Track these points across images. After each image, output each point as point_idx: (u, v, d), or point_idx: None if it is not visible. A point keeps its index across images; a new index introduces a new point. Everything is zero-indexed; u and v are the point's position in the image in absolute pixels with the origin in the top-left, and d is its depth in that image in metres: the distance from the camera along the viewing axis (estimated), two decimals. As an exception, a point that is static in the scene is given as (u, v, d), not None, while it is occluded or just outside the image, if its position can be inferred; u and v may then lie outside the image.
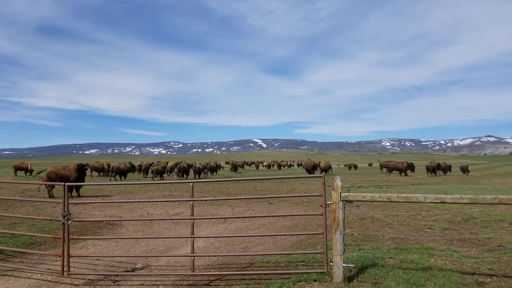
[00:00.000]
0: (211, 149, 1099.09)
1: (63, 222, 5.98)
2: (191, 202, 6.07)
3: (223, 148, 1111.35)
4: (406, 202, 5.51)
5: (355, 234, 9.84)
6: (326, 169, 45.78)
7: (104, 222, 12.03)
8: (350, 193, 5.68)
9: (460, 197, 5.20)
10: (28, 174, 42.71)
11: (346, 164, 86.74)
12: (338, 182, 5.68)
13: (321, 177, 5.75)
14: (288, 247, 8.65)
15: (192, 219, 6.15)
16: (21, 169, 43.71)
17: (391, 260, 7.03)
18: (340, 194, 5.67)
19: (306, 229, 10.61)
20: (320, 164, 46.00)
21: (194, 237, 6.10)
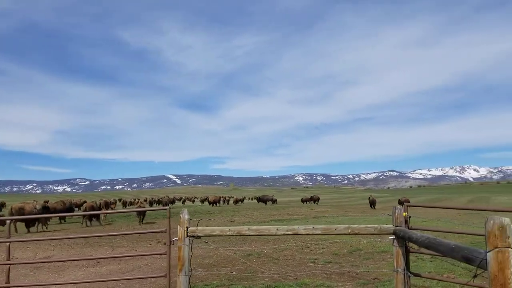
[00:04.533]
0: (121, 186, 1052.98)
1: None
2: (8, 243, 4.99)
3: (135, 185, 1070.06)
4: (258, 234, 4.95)
5: (234, 273, 9.16)
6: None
7: None
8: (198, 228, 4.99)
9: (313, 227, 4.75)
10: None
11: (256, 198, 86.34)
12: (185, 215, 4.98)
13: (166, 209, 5.02)
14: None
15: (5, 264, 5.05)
16: None
17: (258, 300, 6.41)
18: (187, 229, 4.96)
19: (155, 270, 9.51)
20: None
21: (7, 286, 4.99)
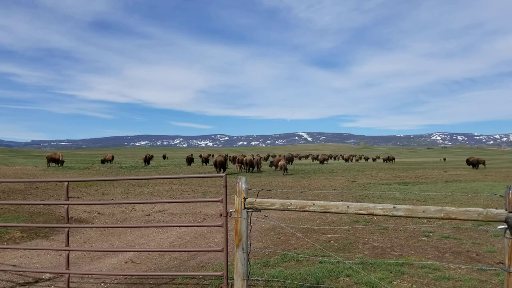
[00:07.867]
0: (256, 142, 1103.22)
1: None
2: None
3: (268, 141, 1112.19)
4: (324, 212, 4.08)
5: (332, 241, 8.41)
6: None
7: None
8: (257, 199, 4.31)
9: (394, 207, 3.73)
10: (59, 165, 43.49)
11: (383, 158, 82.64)
12: (242, 185, 4.32)
13: (221, 176, 4.41)
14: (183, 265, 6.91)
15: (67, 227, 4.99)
16: (54, 160, 44.53)
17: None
18: (244, 200, 4.31)
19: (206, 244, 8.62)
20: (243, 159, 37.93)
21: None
